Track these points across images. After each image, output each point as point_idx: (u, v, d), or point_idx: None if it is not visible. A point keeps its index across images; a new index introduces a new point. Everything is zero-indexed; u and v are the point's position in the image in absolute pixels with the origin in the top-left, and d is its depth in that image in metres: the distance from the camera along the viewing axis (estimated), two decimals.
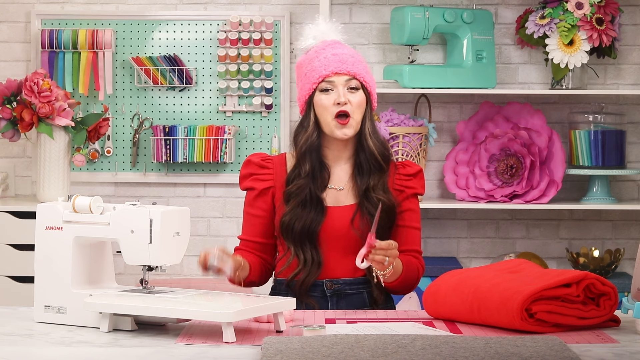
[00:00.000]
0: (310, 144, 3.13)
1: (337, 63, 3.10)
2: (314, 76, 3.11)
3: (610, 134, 4.57)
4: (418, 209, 3.20)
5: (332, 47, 3.14)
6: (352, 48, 3.20)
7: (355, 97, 3.10)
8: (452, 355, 2.30)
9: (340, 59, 3.10)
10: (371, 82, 3.15)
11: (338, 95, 3.08)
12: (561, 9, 4.46)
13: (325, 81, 3.10)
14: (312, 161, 3.13)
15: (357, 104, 3.10)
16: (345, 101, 3.08)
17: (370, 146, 3.12)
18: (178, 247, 2.75)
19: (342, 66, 3.10)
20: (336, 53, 3.12)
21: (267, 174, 3.18)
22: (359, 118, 3.11)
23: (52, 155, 4.47)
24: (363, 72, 3.12)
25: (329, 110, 3.09)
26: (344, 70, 3.10)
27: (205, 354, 2.43)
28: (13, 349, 2.49)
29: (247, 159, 3.22)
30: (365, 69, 3.15)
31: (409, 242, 3.16)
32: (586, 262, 4.56)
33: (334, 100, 3.08)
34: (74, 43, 4.72)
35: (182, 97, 4.81)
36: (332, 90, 3.10)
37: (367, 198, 3.11)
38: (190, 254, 4.77)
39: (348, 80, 3.10)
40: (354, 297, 3.11)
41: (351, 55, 3.13)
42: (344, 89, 3.09)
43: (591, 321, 2.69)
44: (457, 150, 4.70)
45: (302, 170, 3.13)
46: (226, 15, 4.78)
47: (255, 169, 3.19)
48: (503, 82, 4.76)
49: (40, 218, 2.79)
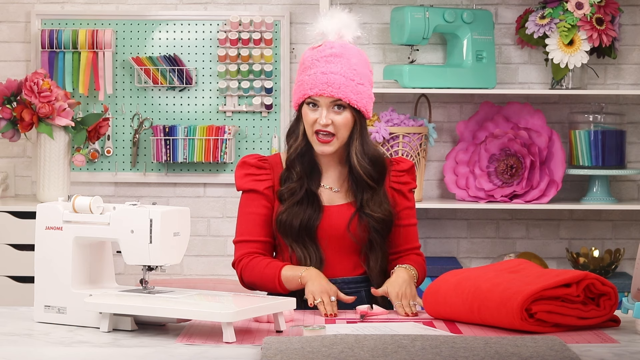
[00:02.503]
0: (299, 152, 3.14)
1: (322, 85, 3.06)
2: (301, 91, 3.11)
3: (610, 134, 4.57)
4: (414, 204, 3.23)
5: (326, 62, 3.09)
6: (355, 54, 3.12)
7: (340, 117, 3.08)
8: (452, 355, 2.30)
9: (327, 80, 3.06)
10: (361, 99, 3.09)
11: (320, 116, 3.08)
12: (561, 9, 4.46)
13: (311, 98, 3.10)
14: (304, 164, 3.14)
15: (342, 124, 3.08)
16: (327, 122, 3.07)
17: (356, 168, 3.11)
18: (178, 247, 2.75)
19: (327, 89, 3.06)
20: (326, 71, 3.07)
21: (266, 174, 3.17)
22: (343, 136, 3.10)
23: (52, 155, 4.47)
24: (351, 94, 3.06)
25: (311, 126, 3.10)
26: (328, 93, 3.06)
27: (205, 354, 2.43)
28: (13, 349, 2.49)
29: (241, 160, 3.20)
30: (357, 87, 3.07)
31: (410, 241, 3.20)
32: (586, 262, 4.56)
33: (317, 119, 3.08)
34: (74, 43, 4.72)
35: (182, 97, 4.81)
36: (318, 107, 3.09)
37: (366, 215, 3.12)
38: (190, 254, 4.77)
39: (333, 102, 3.08)
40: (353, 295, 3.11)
41: (342, 74, 3.07)
42: (328, 111, 3.08)
43: (591, 321, 2.69)
44: (457, 150, 4.70)
45: (294, 173, 3.14)
46: (226, 15, 4.78)
47: (253, 170, 3.18)
48: (503, 82, 4.76)
49: (40, 218, 2.79)
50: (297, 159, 3.14)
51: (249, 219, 3.16)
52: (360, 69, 3.10)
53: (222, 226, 4.81)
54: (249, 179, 3.17)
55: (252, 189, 3.17)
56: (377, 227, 3.11)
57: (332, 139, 3.08)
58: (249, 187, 3.17)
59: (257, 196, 3.17)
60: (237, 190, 3.20)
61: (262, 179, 3.17)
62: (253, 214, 3.16)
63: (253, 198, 3.17)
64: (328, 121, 3.06)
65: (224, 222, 4.81)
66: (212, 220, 4.82)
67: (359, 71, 3.10)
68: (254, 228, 3.15)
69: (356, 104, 3.08)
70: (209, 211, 4.82)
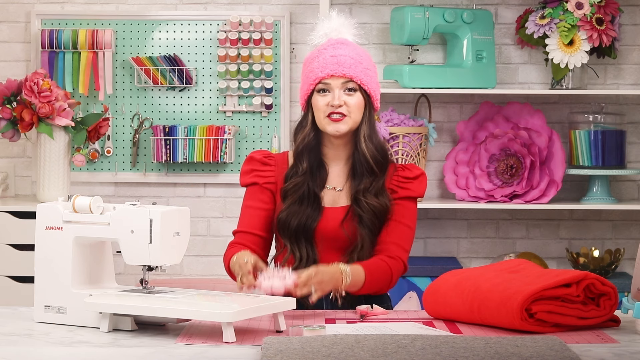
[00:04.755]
0: (307, 144, 3.14)
1: (333, 65, 3.10)
2: (311, 77, 3.12)
3: (610, 134, 4.57)
4: (412, 210, 3.17)
5: (333, 48, 3.14)
6: (359, 47, 3.17)
7: (353, 99, 3.10)
8: (452, 355, 2.30)
9: (338, 61, 3.10)
10: (371, 84, 3.12)
11: (333, 97, 3.09)
12: (561, 9, 4.46)
13: (322, 82, 3.11)
14: (310, 160, 3.14)
15: (355, 105, 3.09)
16: (340, 103, 3.08)
17: (363, 149, 3.11)
18: (178, 247, 2.75)
19: (339, 69, 3.09)
20: (335, 54, 3.11)
21: (269, 170, 3.19)
22: (357, 118, 3.11)
23: (52, 155, 4.47)
24: (361, 75, 3.10)
25: (323, 111, 3.10)
26: (340, 72, 3.09)
27: (205, 354, 2.43)
28: (13, 349, 2.49)
29: (249, 156, 3.22)
30: (365, 71, 3.12)
31: (391, 234, 3.11)
32: (586, 262, 4.56)
33: (329, 102, 3.09)
34: (74, 43, 4.72)
35: (182, 97, 4.81)
36: (329, 92, 3.10)
37: (357, 201, 3.11)
38: (190, 254, 4.77)
39: (345, 83, 3.09)
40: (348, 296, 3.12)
41: (351, 57, 3.11)
42: (340, 91, 3.09)
43: (591, 321, 2.69)
44: (457, 150, 4.70)
45: (300, 168, 3.14)
46: (226, 15, 4.78)
47: (258, 165, 3.20)
48: (503, 82, 4.76)
49: (40, 218, 2.79)
50: (305, 151, 3.14)
51: (247, 212, 3.18)
52: (366, 58, 3.16)
53: (222, 226, 4.81)
54: (252, 174, 3.20)
55: (253, 182, 3.19)
56: (367, 218, 3.09)
57: (345, 118, 3.09)
58: (249, 182, 3.19)
59: (257, 190, 3.18)
60: (241, 185, 3.22)
61: (264, 175, 3.18)
62: (251, 207, 3.18)
63: (253, 192, 3.19)
64: (341, 102, 3.08)
65: (224, 222, 4.81)
66: (212, 220, 4.82)
67: (365, 59, 3.15)
68: (250, 220, 3.17)
69: (367, 86, 3.10)
70: (209, 211, 4.82)
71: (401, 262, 3.11)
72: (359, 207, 3.10)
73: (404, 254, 3.12)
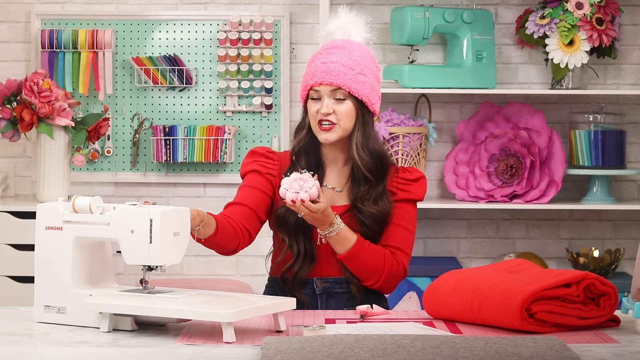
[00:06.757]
0: (302, 146, 3.16)
1: (322, 73, 3.09)
2: (303, 83, 3.14)
3: (610, 134, 4.57)
4: (411, 212, 3.17)
5: (326, 53, 3.12)
6: (359, 49, 3.14)
7: (342, 107, 3.09)
8: (452, 355, 2.30)
9: (327, 69, 3.08)
10: (363, 90, 3.09)
11: (321, 106, 3.09)
12: (561, 9, 4.46)
13: (313, 89, 3.11)
14: (309, 160, 3.15)
15: (344, 113, 3.08)
16: (329, 112, 3.08)
17: (356, 160, 3.10)
18: (178, 247, 2.75)
19: (327, 77, 3.08)
20: (325, 61, 3.10)
21: (272, 164, 3.20)
22: (347, 126, 3.09)
23: (52, 155, 4.47)
24: (350, 82, 3.07)
25: (314, 117, 3.11)
26: (328, 80, 3.08)
27: (205, 354, 2.43)
28: (13, 349, 2.49)
29: (252, 150, 3.23)
30: (357, 77, 3.08)
31: (391, 238, 3.12)
32: (586, 262, 4.56)
33: (319, 109, 3.09)
34: (74, 43, 4.73)
35: (182, 97, 4.81)
36: (320, 99, 3.10)
37: (357, 209, 3.11)
38: (190, 254, 4.77)
39: (334, 91, 3.09)
40: (344, 295, 3.11)
41: (342, 63, 3.08)
42: (330, 99, 3.09)
43: (591, 321, 2.69)
44: (457, 150, 4.70)
45: (298, 167, 3.14)
46: (226, 15, 4.78)
47: (261, 157, 3.21)
48: (503, 82, 4.76)
49: (40, 218, 2.79)
50: (302, 152, 3.15)
51: (242, 190, 3.17)
52: (362, 61, 3.12)
53: None
54: (254, 163, 3.19)
55: (254, 169, 3.18)
56: (367, 223, 3.09)
57: (334, 126, 3.08)
58: (251, 169, 3.18)
59: (258, 176, 3.18)
60: (241, 176, 3.22)
61: (266, 166, 3.19)
62: (248, 187, 3.17)
63: (253, 177, 3.18)
64: (329, 110, 3.08)
65: None
66: None
67: (361, 62, 3.11)
68: (241, 194, 3.16)
69: (356, 93, 3.08)
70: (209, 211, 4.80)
71: (401, 265, 3.11)
72: (359, 213, 3.11)
73: (405, 258, 3.13)
